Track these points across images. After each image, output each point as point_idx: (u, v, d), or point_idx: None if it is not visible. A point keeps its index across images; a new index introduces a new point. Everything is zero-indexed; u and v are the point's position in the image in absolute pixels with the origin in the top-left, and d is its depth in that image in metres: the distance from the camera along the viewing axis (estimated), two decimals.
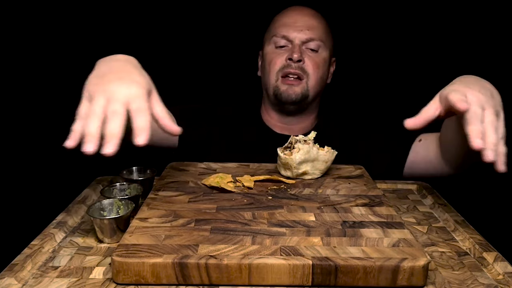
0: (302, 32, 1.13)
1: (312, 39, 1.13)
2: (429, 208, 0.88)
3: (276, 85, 1.13)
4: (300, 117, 1.18)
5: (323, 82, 1.17)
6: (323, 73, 1.15)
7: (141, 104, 0.66)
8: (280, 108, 1.16)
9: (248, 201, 0.78)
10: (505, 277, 0.63)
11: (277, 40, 1.14)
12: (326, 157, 0.89)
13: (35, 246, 0.68)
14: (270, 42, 1.16)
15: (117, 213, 0.74)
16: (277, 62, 1.13)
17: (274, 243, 0.63)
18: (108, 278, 0.61)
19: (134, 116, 0.65)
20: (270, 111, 1.20)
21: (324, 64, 1.15)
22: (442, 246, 0.73)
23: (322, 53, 1.15)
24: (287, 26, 1.14)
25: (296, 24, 1.14)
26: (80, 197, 0.87)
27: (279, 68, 1.12)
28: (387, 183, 0.98)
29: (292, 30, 1.13)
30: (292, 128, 1.18)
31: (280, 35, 1.14)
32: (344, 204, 0.78)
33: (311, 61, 1.12)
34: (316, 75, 1.13)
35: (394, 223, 0.70)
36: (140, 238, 0.64)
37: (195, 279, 0.59)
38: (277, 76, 1.12)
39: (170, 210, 0.73)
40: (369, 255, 0.60)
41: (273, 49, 1.15)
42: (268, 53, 1.16)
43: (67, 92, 1.50)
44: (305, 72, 1.11)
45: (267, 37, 1.19)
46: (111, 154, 0.62)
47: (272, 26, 1.19)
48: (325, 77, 1.17)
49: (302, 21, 1.14)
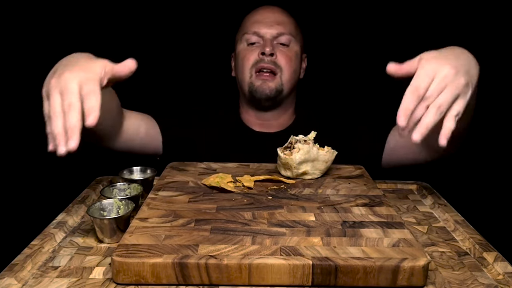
0: (273, 28, 1.14)
1: (283, 33, 1.14)
2: (429, 208, 0.88)
3: (251, 81, 1.13)
4: (277, 113, 1.18)
5: (297, 76, 1.18)
6: (296, 67, 1.16)
7: (90, 86, 0.67)
8: (256, 105, 1.16)
9: (248, 201, 0.78)
10: (505, 277, 0.63)
11: (249, 37, 1.15)
12: (326, 157, 0.89)
13: (35, 246, 0.68)
14: (242, 41, 1.17)
15: (117, 213, 0.74)
16: (250, 58, 1.14)
17: (274, 243, 0.63)
18: (108, 278, 0.61)
19: (84, 99, 0.66)
20: (248, 110, 1.20)
21: (296, 57, 1.16)
22: (442, 246, 0.73)
23: (293, 47, 1.16)
24: (257, 22, 1.16)
25: (266, 20, 1.15)
26: (80, 197, 0.87)
27: (252, 63, 1.13)
28: (387, 183, 0.98)
29: (263, 26, 1.15)
30: (271, 124, 1.18)
31: (251, 31, 1.15)
32: (344, 204, 0.77)
33: (283, 55, 1.13)
34: (289, 69, 1.13)
35: (394, 223, 0.70)
36: (140, 238, 0.64)
37: (195, 279, 0.59)
38: (251, 72, 1.13)
39: (170, 210, 0.73)
40: (369, 255, 0.60)
41: (245, 46, 1.16)
42: (241, 51, 1.17)
43: None
44: (278, 66, 1.12)
45: (238, 36, 1.20)
46: (74, 149, 0.63)
47: (243, 25, 1.20)
48: (298, 71, 1.19)
49: (272, 17, 1.16)
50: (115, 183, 0.83)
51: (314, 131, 0.92)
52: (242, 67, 1.15)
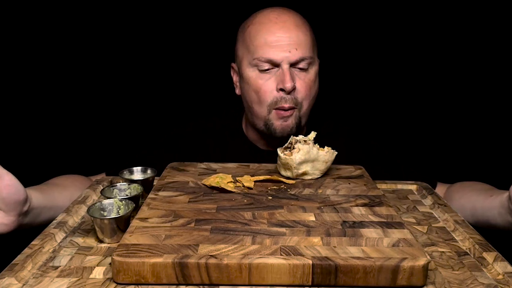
0: (291, 53, 0.97)
1: (303, 59, 0.99)
2: (429, 208, 0.88)
3: (269, 118, 1.01)
4: None
5: (315, 99, 1.06)
6: (315, 91, 1.04)
7: None
8: (270, 137, 1.06)
9: (248, 201, 0.78)
10: (505, 277, 0.63)
11: (260, 64, 0.99)
12: (326, 157, 0.89)
13: (35, 246, 0.68)
14: (251, 64, 1.00)
15: (117, 213, 0.74)
16: (267, 92, 0.99)
17: (274, 243, 0.63)
18: (108, 278, 0.61)
19: None
20: (255, 132, 1.09)
21: (315, 80, 1.03)
22: (442, 246, 0.73)
23: (312, 70, 1.02)
24: (270, 46, 0.97)
25: (281, 43, 0.97)
26: (80, 197, 0.87)
27: (270, 101, 0.99)
28: (387, 183, 0.98)
29: (279, 51, 0.97)
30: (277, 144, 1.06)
31: (264, 58, 0.98)
32: (344, 204, 0.78)
33: (302, 85, 1.00)
34: (308, 100, 1.02)
35: (394, 223, 0.70)
36: (140, 238, 0.64)
37: (195, 279, 0.59)
38: (269, 109, 1.00)
39: (170, 210, 0.73)
40: (369, 255, 0.60)
41: (257, 74, 1.00)
42: (252, 78, 1.01)
43: (68, 92, 1.51)
44: (297, 102, 1.00)
45: (245, 55, 1.02)
46: None
47: (249, 42, 1.01)
48: (317, 92, 1.06)
49: (287, 38, 0.98)
50: (115, 183, 0.83)
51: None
52: (256, 100, 1.01)
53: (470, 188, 0.99)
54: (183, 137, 1.14)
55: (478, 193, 0.94)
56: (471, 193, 0.96)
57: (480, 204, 0.90)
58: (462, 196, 0.98)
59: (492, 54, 1.47)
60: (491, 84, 1.49)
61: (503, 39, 1.45)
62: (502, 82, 1.47)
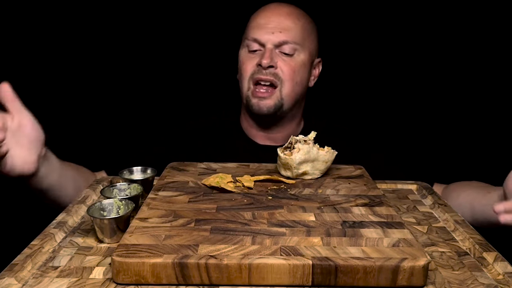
0: (274, 35, 1.03)
1: (286, 42, 1.04)
2: (429, 208, 0.88)
3: (247, 95, 1.06)
4: (281, 126, 1.10)
5: (302, 88, 1.08)
6: (301, 78, 1.06)
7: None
8: (255, 118, 1.09)
9: (248, 201, 0.78)
10: (505, 277, 0.63)
11: (249, 43, 1.06)
12: (326, 157, 0.89)
13: (35, 246, 0.68)
14: (243, 45, 1.09)
15: (117, 213, 0.74)
16: (248, 68, 1.05)
17: (274, 243, 0.63)
18: (108, 278, 0.61)
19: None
20: (249, 120, 1.12)
21: (301, 68, 1.06)
22: (442, 246, 0.73)
23: (298, 57, 1.05)
24: (259, 28, 1.05)
25: (269, 25, 1.04)
26: (80, 197, 0.87)
27: (249, 74, 1.05)
28: (387, 183, 0.98)
29: (264, 32, 1.04)
30: (275, 137, 1.12)
31: (252, 38, 1.05)
32: (344, 204, 0.78)
33: (286, 66, 1.04)
34: (291, 82, 1.04)
35: (394, 223, 0.70)
36: (140, 238, 0.64)
37: (195, 279, 0.59)
38: (249, 84, 1.05)
39: (170, 210, 0.73)
40: (369, 255, 0.60)
41: (246, 53, 1.07)
42: (241, 58, 1.08)
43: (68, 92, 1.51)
44: (279, 78, 1.03)
45: (243, 38, 1.11)
46: None
47: (247, 27, 1.10)
48: (305, 81, 1.09)
49: (276, 22, 1.05)
50: (115, 183, 0.83)
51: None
52: (241, 76, 1.08)
53: (467, 187, 1.00)
54: (183, 136, 1.15)
55: (475, 191, 0.95)
56: (469, 191, 0.97)
57: (478, 202, 0.91)
58: (459, 194, 0.98)
59: (492, 54, 1.47)
60: (490, 84, 1.49)
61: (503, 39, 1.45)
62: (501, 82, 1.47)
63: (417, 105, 1.55)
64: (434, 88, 1.53)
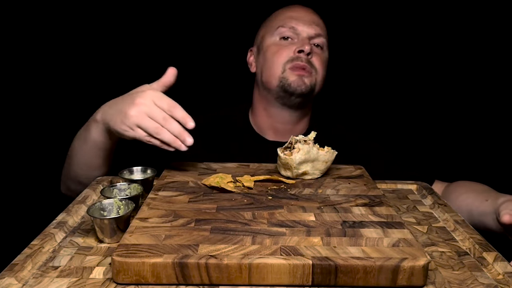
0: (311, 27, 1.09)
1: (320, 35, 1.10)
2: (429, 208, 0.88)
3: (284, 76, 1.07)
4: (296, 117, 1.13)
5: (323, 82, 1.13)
6: (325, 72, 1.12)
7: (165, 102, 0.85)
8: (284, 101, 1.10)
9: (248, 201, 0.78)
10: (505, 277, 0.63)
11: (284, 30, 1.09)
12: (326, 157, 0.89)
13: (35, 246, 0.68)
14: (273, 34, 1.11)
15: (117, 213, 0.74)
16: (283, 53, 1.08)
17: (274, 243, 0.63)
18: (108, 278, 0.61)
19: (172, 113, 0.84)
20: (265, 112, 1.13)
21: (326, 63, 1.12)
22: (442, 246, 0.73)
23: (325, 52, 1.13)
24: (295, 18, 1.10)
25: (304, 18, 1.10)
26: (80, 197, 0.87)
27: (286, 59, 1.08)
28: (387, 183, 0.98)
29: (301, 23, 1.09)
30: (285, 130, 1.13)
31: (288, 25, 1.09)
32: (344, 204, 0.78)
33: (318, 57, 1.09)
34: (322, 72, 1.10)
35: (394, 223, 0.70)
36: (140, 238, 0.64)
37: (195, 279, 0.59)
38: (284, 67, 1.07)
39: (170, 210, 0.73)
40: (369, 255, 0.60)
41: (277, 40, 1.10)
42: (272, 45, 1.10)
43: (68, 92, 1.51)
44: (313, 66, 1.08)
45: (267, 30, 1.13)
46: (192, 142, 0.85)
47: (274, 19, 1.14)
48: (324, 77, 1.13)
49: (310, 16, 1.11)
50: (115, 183, 0.83)
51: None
52: (272, 61, 1.09)
53: (466, 189, 1.00)
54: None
55: (474, 195, 0.96)
56: (467, 194, 0.98)
57: (476, 208, 0.93)
58: (457, 197, 0.98)
59: (491, 54, 1.47)
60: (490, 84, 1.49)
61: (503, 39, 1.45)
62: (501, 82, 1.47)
63: (418, 104, 1.55)
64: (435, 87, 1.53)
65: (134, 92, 0.87)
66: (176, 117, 0.83)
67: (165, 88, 0.88)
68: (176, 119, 0.83)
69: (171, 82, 0.88)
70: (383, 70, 1.53)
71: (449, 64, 1.50)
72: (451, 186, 1.06)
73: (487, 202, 0.90)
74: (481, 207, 0.91)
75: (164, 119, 0.82)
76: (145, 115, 0.82)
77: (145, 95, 0.83)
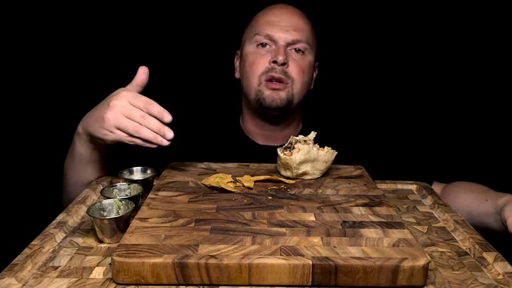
0: (288, 33, 1.04)
1: (299, 41, 1.05)
2: (429, 208, 0.88)
3: (259, 89, 1.05)
4: (283, 125, 1.11)
5: (307, 88, 1.10)
6: (308, 78, 1.08)
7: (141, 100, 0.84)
8: (263, 115, 1.08)
9: (248, 201, 0.78)
10: (505, 277, 0.63)
11: (260, 38, 1.05)
12: (326, 157, 0.89)
13: (35, 246, 0.68)
14: (251, 41, 1.07)
15: (117, 213, 0.74)
16: (260, 64, 1.05)
17: (274, 243, 0.63)
18: (108, 278, 0.61)
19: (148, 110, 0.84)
20: (251, 119, 1.12)
21: (309, 68, 1.07)
22: (442, 246, 0.73)
23: (307, 57, 1.07)
24: (271, 24, 1.05)
25: (282, 23, 1.05)
26: (80, 197, 0.87)
27: (262, 71, 1.04)
28: (387, 183, 0.98)
29: (278, 30, 1.04)
30: (276, 136, 1.11)
31: (264, 33, 1.05)
32: (344, 204, 0.78)
33: (296, 65, 1.05)
34: (301, 80, 1.05)
35: (394, 223, 0.70)
36: (140, 238, 0.64)
37: (195, 279, 0.59)
38: (260, 80, 1.05)
39: (170, 210, 0.73)
40: (369, 255, 0.60)
41: (254, 48, 1.07)
42: (249, 54, 1.07)
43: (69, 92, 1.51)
44: (289, 77, 1.04)
45: (247, 35, 1.10)
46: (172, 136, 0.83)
47: (254, 23, 1.09)
48: (309, 82, 1.10)
49: (288, 20, 1.05)
50: (115, 183, 0.83)
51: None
52: (249, 72, 1.07)
53: (464, 190, 1.00)
54: (183, 135, 1.15)
55: (473, 196, 0.95)
56: (466, 195, 0.98)
57: (475, 208, 0.93)
58: (456, 197, 0.98)
59: (491, 54, 1.47)
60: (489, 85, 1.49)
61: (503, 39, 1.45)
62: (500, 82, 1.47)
63: (417, 105, 1.55)
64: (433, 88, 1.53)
65: (109, 96, 0.87)
66: (153, 113, 0.82)
67: (139, 88, 0.87)
68: (153, 116, 0.82)
69: (144, 81, 0.87)
70: (382, 71, 1.53)
71: (447, 65, 1.50)
72: (449, 187, 1.05)
73: (487, 202, 0.89)
74: (481, 208, 0.90)
75: (142, 117, 0.81)
76: (122, 116, 0.82)
77: (120, 97, 0.82)
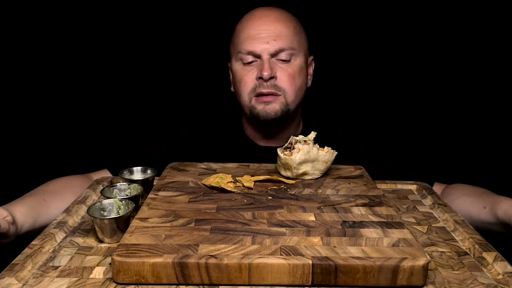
0: (270, 44, 1.01)
1: (282, 50, 1.02)
2: (429, 208, 0.88)
3: (252, 105, 1.04)
4: (283, 129, 1.10)
5: (303, 91, 1.08)
6: (301, 82, 1.06)
7: None
8: (260, 125, 1.08)
9: (248, 201, 0.78)
10: (505, 277, 0.63)
11: (244, 56, 1.03)
12: (326, 157, 0.89)
13: (36, 246, 0.68)
14: (236, 58, 1.06)
15: (117, 213, 0.74)
16: (248, 82, 1.03)
17: (274, 243, 0.63)
18: (108, 278, 0.61)
19: None
20: (250, 125, 1.12)
21: (300, 72, 1.05)
22: (442, 246, 0.73)
23: (295, 61, 1.04)
24: (251, 39, 1.02)
25: (261, 35, 1.02)
26: (80, 197, 0.87)
27: (250, 89, 1.03)
28: (387, 183, 0.98)
29: (258, 43, 1.01)
30: (276, 138, 1.11)
31: (246, 51, 1.03)
32: (344, 204, 0.78)
33: (284, 74, 1.02)
34: (293, 89, 1.03)
35: (394, 223, 0.70)
36: (140, 238, 0.64)
37: (195, 278, 0.59)
38: (250, 97, 1.04)
39: (170, 210, 0.73)
40: (369, 255, 0.60)
41: (241, 66, 1.05)
42: (237, 71, 1.06)
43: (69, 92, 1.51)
44: (279, 88, 1.02)
45: (232, 51, 1.08)
46: None
47: (235, 38, 1.07)
48: (304, 84, 1.08)
49: (267, 30, 1.02)
50: (115, 183, 0.83)
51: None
52: (239, 90, 1.06)
53: (462, 193, 0.99)
54: (184, 135, 1.15)
55: (470, 200, 0.95)
56: (463, 198, 0.97)
57: (476, 216, 0.92)
58: (453, 200, 0.98)
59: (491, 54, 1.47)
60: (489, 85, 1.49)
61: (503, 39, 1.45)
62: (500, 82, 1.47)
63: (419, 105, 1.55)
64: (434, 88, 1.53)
65: None
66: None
67: None
68: None
69: None
70: (383, 71, 1.53)
71: (448, 66, 1.50)
72: (447, 189, 1.05)
73: (486, 210, 0.89)
74: (481, 216, 0.90)
75: None
76: None
77: None
